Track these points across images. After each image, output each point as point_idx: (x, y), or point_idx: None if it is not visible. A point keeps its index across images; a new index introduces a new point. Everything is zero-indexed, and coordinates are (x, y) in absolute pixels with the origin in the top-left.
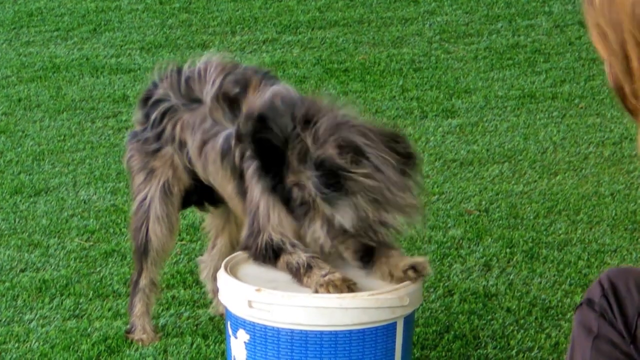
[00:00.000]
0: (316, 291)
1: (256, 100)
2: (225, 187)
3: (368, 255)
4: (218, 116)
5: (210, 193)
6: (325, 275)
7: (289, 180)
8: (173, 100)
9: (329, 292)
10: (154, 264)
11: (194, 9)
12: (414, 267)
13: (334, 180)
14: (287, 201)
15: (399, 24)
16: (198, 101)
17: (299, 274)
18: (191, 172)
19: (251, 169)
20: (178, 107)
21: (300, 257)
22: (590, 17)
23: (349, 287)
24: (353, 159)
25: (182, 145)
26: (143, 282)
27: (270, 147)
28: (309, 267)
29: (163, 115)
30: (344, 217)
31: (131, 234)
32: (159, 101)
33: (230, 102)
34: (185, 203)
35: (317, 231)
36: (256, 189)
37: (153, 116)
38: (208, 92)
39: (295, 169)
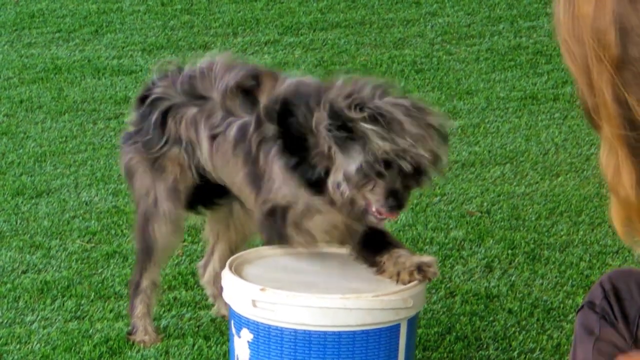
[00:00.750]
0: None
1: (278, 88)
2: (235, 176)
3: (376, 256)
4: (232, 107)
5: (206, 194)
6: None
7: (315, 158)
8: (175, 98)
9: (332, 236)
10: (156, 265)
11: (196, 11)
12: (419, 268)
13: (344, 127)
14: (311, 182)
15: (400, 25)
16: (202, 98)
17: (298, 222)
18: (196, 170)
19: (273, 148)
20: (180, 105)
21: (299, 205)
22: (559, 34)
23: (350, 231)
24: (360, 101)
25: (187, 143)
26: (144, 283)
27: (293, 129)
28: (308, 212)
29: (165, 114)
30: (352, 158)
31: (136, 235)
32: (158, 99)
33: (246, 93)
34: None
35: (337, 180)
36: (276, 166)
37: (154, 116)
38: (217, 86)
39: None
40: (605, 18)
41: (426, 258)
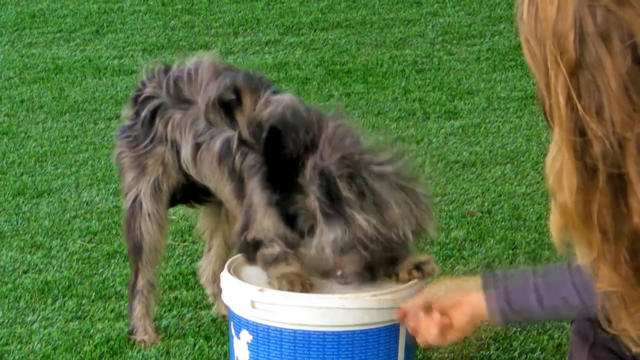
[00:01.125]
0: (270, 283)
1: (263, 109)
2: (222, 189)
3: None
4: (214, 119)
5: (197, 192)
6: (284, 269)
7: (297, 197)
8: (163, 97)
9: (282, 285)
10: (149, 264)
11: (197, 11)
12: (417, 267)
13: (334, 194)
14: (288, 216)
15: (401, 25)
16: (187, 102)
17: (267, 264)
18: (181, 171)
19: (256, 177)
20: (168, 105)
21: (274, 249)
22: (521, 32)
23: (303, 284)
24: (349, 173)
25: (174, 144)
26: (140, 284)
27: (279, 161)
28: (276, 260)
29: (154, 112)
30: (330, 236)
31: (124, 234)
32: (148, 98)
33: (226, 107)
34: (171, 201)
35: (319, 244)
36: (258, 197)
37: (143, 113)
38: (201, 94)
39: (303, 183)
40: (567, 21)
41: (423, 256)
